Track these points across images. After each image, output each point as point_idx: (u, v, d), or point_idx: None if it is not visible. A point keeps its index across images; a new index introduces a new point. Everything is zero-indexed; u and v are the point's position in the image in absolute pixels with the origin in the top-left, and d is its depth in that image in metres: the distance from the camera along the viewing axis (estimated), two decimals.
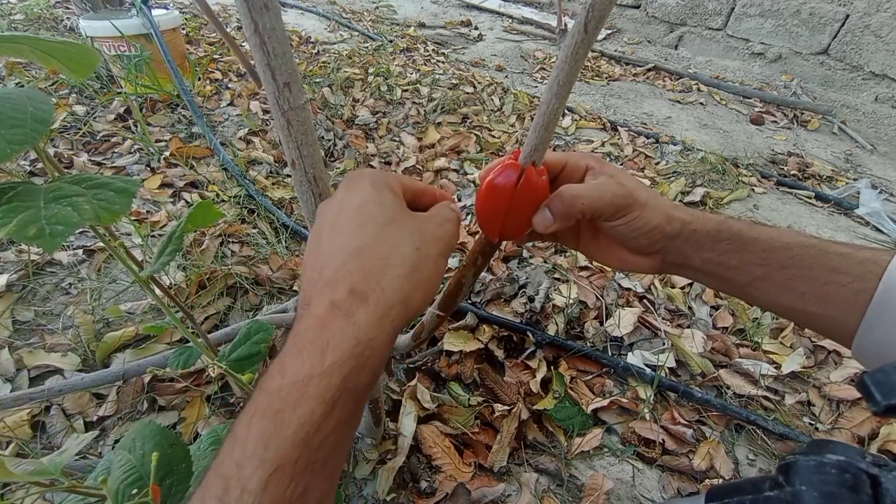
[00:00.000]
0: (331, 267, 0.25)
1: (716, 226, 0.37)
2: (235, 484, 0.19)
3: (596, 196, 0.35)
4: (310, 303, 0.24)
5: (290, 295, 1.02)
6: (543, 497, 0.73)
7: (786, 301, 0.35)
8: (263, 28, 0.27)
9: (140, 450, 0.34)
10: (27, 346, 0.82)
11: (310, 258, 0.27)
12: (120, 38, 1.43)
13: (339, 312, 0.23)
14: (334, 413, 0.22)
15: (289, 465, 0.20)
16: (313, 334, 0.23)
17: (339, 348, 0.22)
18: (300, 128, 0.32)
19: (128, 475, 0.33)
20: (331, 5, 3.24)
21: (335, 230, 0.27)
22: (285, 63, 0.29)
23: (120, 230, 1.10)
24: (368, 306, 0.24)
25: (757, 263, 0.35)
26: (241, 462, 0.20)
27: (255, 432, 0.20)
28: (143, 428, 0.36)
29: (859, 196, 1.60)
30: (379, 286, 0.24)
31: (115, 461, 0.34)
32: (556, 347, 0.95)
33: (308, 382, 0.21)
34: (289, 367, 0.22)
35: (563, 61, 0.31)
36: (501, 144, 1.71)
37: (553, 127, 0.35)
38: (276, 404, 0.21)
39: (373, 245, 0.25)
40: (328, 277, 0.25)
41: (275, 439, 0.20)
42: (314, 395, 0.21)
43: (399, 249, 0.26)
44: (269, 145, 1.53)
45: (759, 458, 0.82)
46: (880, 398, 0.25)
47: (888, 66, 2.39)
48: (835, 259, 0.33)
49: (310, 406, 0.21)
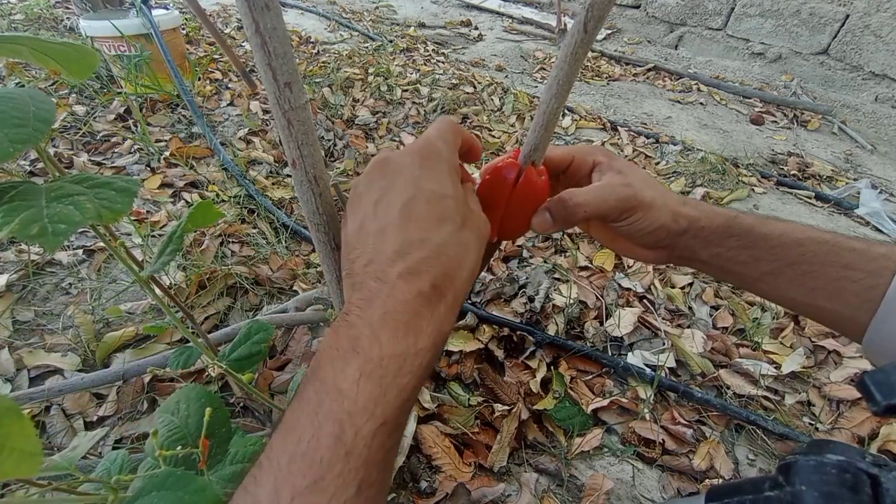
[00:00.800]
0: (412, 254, 0.27)
1: (726, 221, 0.37)
2: (349, 428, 0.23)
3: (599, 202, 0.36)
4: (386, 279, 0.26)
5: (290, 295, 1.02)
6: (543, 497, 0.73)
7: (795, 295, 0.35)
8: (264, 28, 0.27)
9: (185, 411, 0.36)
10: (27, 346, 0.82)
11: (371, 220, 0.29)
12: (120, 38, 1.42)
13: (426, 304, 0.26)
14: (417, 386, 0.26)
15: (390, 422, 0.24)
16: (406, 318, 0.26)
17: (428, 336, 0.26)
18: (301, 128, 0.32)
19: (172, 433, 0.35)
20: (331, 5, 3.24)
21: (412, 212, 0.28)
22: (286, 63, 0.29)
23: (120, 230, 1.10)
24: (446, 302, 0.27)
25: (767, 259, 0.35)
26: (353, 412, 0.23)
27: (365, 392, 0.24)
28: (188, 391, 0.38)
29: (859, 196, 1.60)
30: (453, 286, 0.28)
31: (158, 423, 0.36)
32: (556, 347, 0.95)
33: (405, 359, 0.25)
34: (385, 341, 0.25)
35: (563, 61, 0.31)
36: (501, 144, 1.71)
37: (553, 127, 0.35)
38: (380, 371, 0.24)
39: (453, 246, 0.28)
40: (410, 265, 0.27)
41: (381, 401, 0.24)
42: (409, 370, 0.25)
43: (469, 256, 0.29)
44: (269, 145, 1.53)
45: (759, 458, 0.82)
46: (880, 398, 0.25)
47: (888, 66, 2.39)
48: (848, 255, 0.33)
49: (406, 379, 0.25)
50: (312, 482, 0.21)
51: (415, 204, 0.28)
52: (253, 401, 0.80)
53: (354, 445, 0.22)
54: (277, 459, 0.22)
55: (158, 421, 0.37)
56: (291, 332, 0.93)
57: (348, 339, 0.25)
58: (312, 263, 1.11)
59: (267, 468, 0.22)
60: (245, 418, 0.79)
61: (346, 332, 0.26)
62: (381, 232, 0.28)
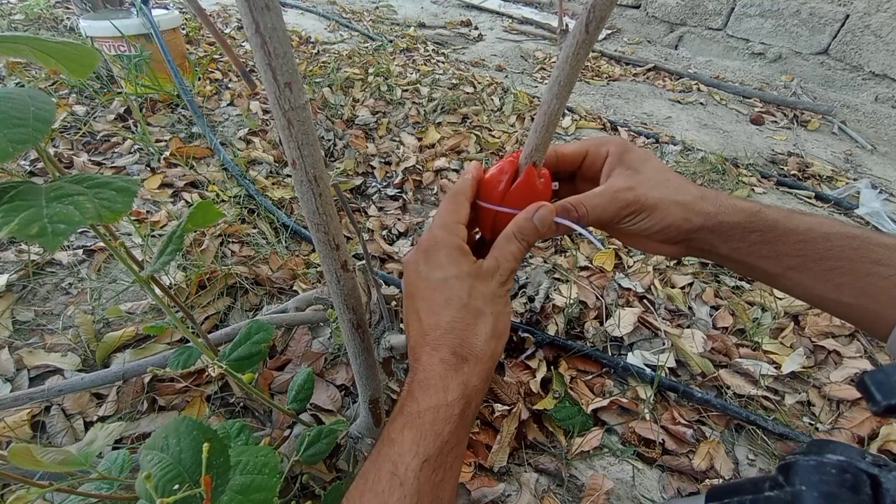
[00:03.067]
0: (430, 335, 0.34)
1: (747, 217, 0.36)
2: (400, 465, 0.30)
3: (600, 211, 0.36)
4: (420, 358, 0.34)
5: (289, 295, 1.02)
6: (543, 497, 0.73)
7: (820, 291, 0.34)
8: (265, 28, 0.27)
9: (177, 446, 0.34)
10: (27, 346, 0.82)
11: (412, 324, 0.36)
12: (120, 38, 1.42)
13: (449, 368, 0.33)
14: (455, 431, 0.32)
15: (432, 460, 0.31)
16: (436, 380, 0.33)
17: (454, 391, 0.32)
18: (301, 128, 0.32)
19: (165, 472, 0.33)
20: (331, 5, 3.24)
21: (424, 302, 0.35)
22: (286, 63, 0.29)
23: (120, 230, 1.10)
24: (469, 364, 0.33)
25: (791, 254, 0.34)
26: (401, 453, 0.31)
27: (408, 437, 0.31)
28: (177, 425, 0.36)
29: (859, 196, 1.60)
30: (472, 351, 0.34)
31: (147, 462, 0.34)
32: (556, 347, 0.95)
33: (438, 410, 0.32)
34: (420, 398, 0.32)
35: (565, 62, 0.31)
36: (501, 144, 1.71)
37: (554, 127, 0.35)
38: (418, 421, 0.32)
39: (461, 319, 0.34)
40: (432, 343, 0.34)
41: (422, 443, 0.31)
42: (443, 418, 0.32)
43: (482, 319, 0.34)
44: (269, 145, 1.53)
45: (759, 458, 0.82)
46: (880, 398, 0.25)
47: (888, 66, 2.39)
48: (879, 251, 0.32)
49: (441, 426, 0.32)
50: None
51: (424, 294, 0.35)
52: (253, 401, 0.80)
53: (406, 477, 0.30)
54: (353, 498, 0.31)
55: (147, 460, 0.34)
56: (291, 332, 0.93)
57: (398, 405, 0.34)
58: (312, 263, 1.11)
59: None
60: (245, 418, 0.79)
61: (398, 401, 0.34)
62: (411, 324, 0.36)
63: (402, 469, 0.30)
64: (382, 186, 1.46)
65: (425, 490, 0.30)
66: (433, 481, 0.30)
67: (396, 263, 1.17)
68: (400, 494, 0.29)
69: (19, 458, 0.30)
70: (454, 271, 0.34)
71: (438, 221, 0.37)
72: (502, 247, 0.36)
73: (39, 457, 0.31)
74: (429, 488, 0.30)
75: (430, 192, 1.47)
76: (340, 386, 0.85)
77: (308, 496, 0.67)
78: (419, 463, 0.30)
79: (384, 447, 0.32)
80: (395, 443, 0.31)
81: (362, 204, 1.40)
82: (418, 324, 0.35)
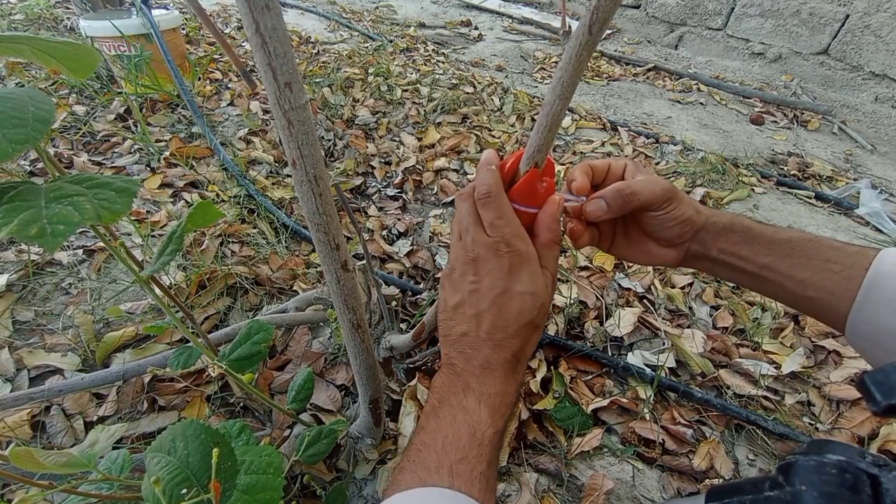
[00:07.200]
0: (497, 335, 0.37)
1: (729, 220, 0.43)
2: (479, 431, 0.35)
3: (649, 191, 0.41)
4: (479, 347, 0.38)
5: (289, 295, 1.02)
6: (543, 497, 0.73)
7: (789, 286, 0.40)
8: (265, 28, 0.27)
9: (184, 450, 0.34)
10: (27, 346, 0.82)
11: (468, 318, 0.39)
12: (120, 38, 1.42)
13: (510, 367, 0.38)
14: (508, 419, 0.38)
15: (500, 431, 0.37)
16: (500, 372, 0.37)
17: (513, 384, 0.38)
18: (301, 128, 0.32)
19: (173, 476, 0.33)
20: (331, 5, 3.24)
21: (501, 306, 0.38)
22: (286, 63, 0.29)
23: (120, 230, 1.10)
24: (522, 366, 0.39)
25: (764, 253, 0.41)
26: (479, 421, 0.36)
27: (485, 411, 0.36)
28: (183, 428, 0.36)
29: (859, 196, 1.60)
30: (525, 356, 0.39)
31: (154, 466, 0.33)
32: (556, 347, 0.95)
33: (503, 396, 0.37)
34: (489, 384, 0.37)
35: (567, 63, 0.31)
36: (501, 144, 1.71)
37: (556, 128, 0.35)
38: (490, 400, 0.36)
39: (527, 332, 0.38)
40: (497, 342, 0.37)
41: (495, 417, 0.36)
42: (506, 403, 0.37)
43: (537, 333, 0.40)
44: (269, 145, 1.53)
45: (759, 458, 0.82)
46: (880, 398, 0.25)
47: (888, 66, 2.39)
48: (828, 251, 0.39)
49: (504, 409, 0.37)
50: (461, 458, 0.33)
51: (503, 300, 0.37)
52: (253, 401, 0.80)
53: (483, 440, 0.34)
54: (432, 445, 0.34)
55: (154, 463, 0.34)
56: (291, 332, 0.93)
57: (461, 382, 0.37)
58: (312, 263, 1.11)
59: (425, 451, 0.34)
60: (245, 418, 0.79)
61: (457, 378, 0.38)
62: (476, 316, 0.38)
63: (479, 433, 0.35)
64: (382, 186, 1.46)
65: (493, 455, 0.36)
66: (497, 446, 0.36)
67: (396, 263, 1.17)
68: (478, 452, 0.34)
69: (21, 460, 0.30)
70: (532, 289, 0.38)
71: (511, 231, 0.37)
72: (546, 256, 0.39)
73: (42, 459, 0.31)
74: (494, 451, 0.36)
75: (430, 192, 1.47)
76: (340, 386, 0.85)
77: (308, 496, 0.67)
78: (493, 432, 0.35)
79: (461, 413, 0.36)
80: (472, 413, 0.36)
81: (362, 204, 1.40)
82: (477, 319, 0.38)
